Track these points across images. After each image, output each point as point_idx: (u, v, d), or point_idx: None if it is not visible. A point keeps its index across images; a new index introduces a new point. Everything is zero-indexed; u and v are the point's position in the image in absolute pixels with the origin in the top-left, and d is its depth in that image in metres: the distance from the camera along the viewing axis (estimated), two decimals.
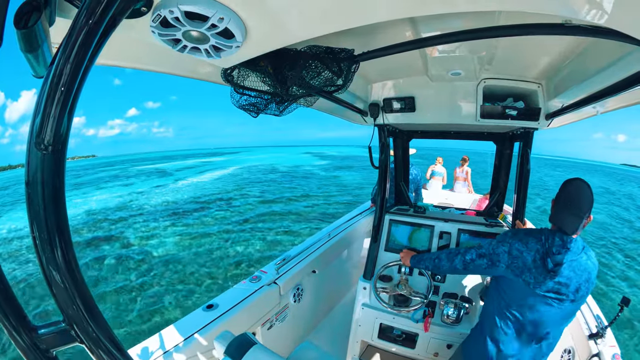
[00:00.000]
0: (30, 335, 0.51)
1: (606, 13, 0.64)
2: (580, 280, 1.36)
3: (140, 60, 1.12)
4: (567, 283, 1.36)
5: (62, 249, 0.50)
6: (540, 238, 1.43)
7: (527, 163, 2.17)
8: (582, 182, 1.38)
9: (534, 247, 1.42)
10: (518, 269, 1.44)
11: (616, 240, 11.13)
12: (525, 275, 1.42)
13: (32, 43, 0.53)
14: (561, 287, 1.37)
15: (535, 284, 1.40)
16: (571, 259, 1.36)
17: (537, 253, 1.41)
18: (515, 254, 1.45)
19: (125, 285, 6.50)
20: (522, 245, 1.45)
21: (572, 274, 1.36)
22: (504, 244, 1.50)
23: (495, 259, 1.50)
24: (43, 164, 0.48)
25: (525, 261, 1.42)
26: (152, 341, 1.57)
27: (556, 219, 1.41)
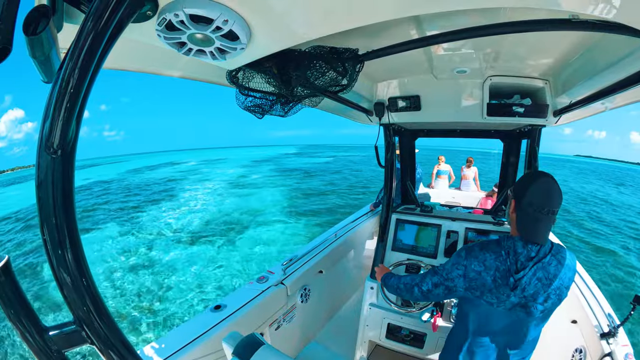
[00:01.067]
0: (41, 336, 0.51)
1: (614, 7, 0.63)
2: (549, 289, 1.23)
3: (146, 63, 1.13)
4: (533, 296, 1.23)
5: (72, 251, 0.50)
6: (499, 253, 1.27)
7: (535, 160, 2.15)
8: (548, 178, 1.22)
9: (492, 265, 1.26)
10: (477, 290, 1.29)
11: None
12: (486, 296, 1.28)
13: (41, 49, 0.54)
14: (527, 300, 1.24)
15: (498, 303, 1.27)
16: (537, 269, 1.22)
17: (496, 271, 1.25)
18: (472, 275, 1.29)
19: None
20: (479, 264, 1.28)
21: (539, 285, 1.22)
22: (459, 266, 1.33)
23: (451, 285, 1.35)
24: (53, 167, 0.48)
25: (484, 282, 1.27)
26: (160, 342, 1.59)
27: (524, 229, 1.24)
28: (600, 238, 10.42)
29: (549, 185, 1.20)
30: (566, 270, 1.24)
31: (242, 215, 12.42)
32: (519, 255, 1.24)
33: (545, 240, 1.24)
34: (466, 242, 2.46)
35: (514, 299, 1.25)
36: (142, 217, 13.07)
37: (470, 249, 1.35)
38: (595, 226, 11.91)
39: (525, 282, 1.22)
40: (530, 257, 1.23)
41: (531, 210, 1.20)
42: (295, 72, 1.10)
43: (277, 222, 11.40)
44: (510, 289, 1.23)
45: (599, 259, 8.42)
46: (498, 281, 1.25)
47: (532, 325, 1.30)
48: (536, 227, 1.21)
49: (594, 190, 23.24)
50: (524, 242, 1.24)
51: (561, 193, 1.20)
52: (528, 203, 1.20)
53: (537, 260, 1.22)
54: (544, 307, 1.25)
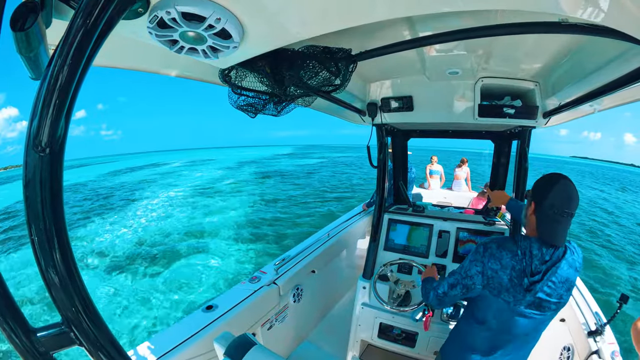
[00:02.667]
0: (28, 337, 0.50)
1: (603, 11, 0.64)
2: (561, 291, 1.26)
3: (137, 61, 1.12)
4: (547, 298, 1.26)
5: (61, 251, 0.50)
6: (515, 252, 1.28)
7: (525, 161, 2.18)
8: (567, 180, 1.23)
9: (509, 264, 1.27)
10: (495, 289, 1.30)
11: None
12: (503, 295, 1.29)
13: (29, 45, 0.53)
14: (542, 301, 1.26)
15: (514, 302, 1.28)
16: (551, 272, 1.24)
17: (512, 271, 1.26)
18: (489, 274, 1.30)
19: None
20: (496, 262, 1.29)
21: (553, 286, 1.25)
22: (477, 263, 1.34)
23: (469, 283, 1.35)
24: (41, 165, 0.48)
25: (501, 281, 1.28)
26: (151, 343, 1.57)
27: (544, 231, 1.25)
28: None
29: (568, 188, 1.21)
30: (575, 272, 1.28)
31: (182, 238, 9.92)
32: (534, 257, 1.25)
33: (563, 242, 1.25)
34: (457, 241, 2.49)
35: (530, 298, 1.26)
36: (76, 233, 10.79)
37: (488, 246, 1.35)
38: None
39: (540, 287, 1.24)
40: (544, 260, 1.25)
41: (552, 212, 1.21)
42: (288, 71, 1.10)
43: (220, 250, 8.86)
44: (525, 289, 1.25)
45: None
46: (514, 280, 1.26)
47: (540, 325, 1.34)
48: (556, 229, 1.23)
49: (603, 196, 21.31)
50: (540, 244, 1.25)
51: (578, 195, 1.22)
52: (549, 206, 1.21)
53: (550, 265, 1.24)
54: (556, 307, 1.29)
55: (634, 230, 12.21)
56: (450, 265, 2.50)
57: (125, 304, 6.11)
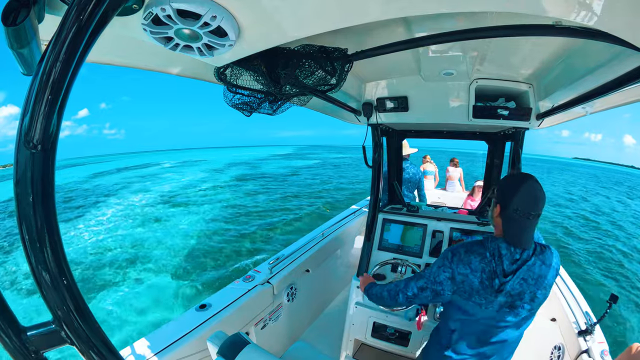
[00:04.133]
0: (19, 336, 0.50)
1: (595, 15, 0.65)
2: (534, 289, 1.24)
3: (131, 58, 1.11)
4: (520, 296, 1.24)
5: (52, 249, 0.49)
6: (484, 255, 1.27)
7: (519, 162, 2.20)
8: (532, 181, 1.21)
9: (478, 268, 1.26)
10: (465, 293, 1.29)
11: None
12: (474, 297, 1.28)
13: (21, 40, 0.52)
14: (514, 300, 1.25)
15: (486, 304, 1.27)
16: (522, 271, 1.23)
17: (483, 273, 1.25)
18: (459, 279, 1.29)
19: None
20: (465, 267, 1.28)
21: (525, 285, 1.23)
22: (445, 269, 1.32)
23: (439, 288, 1.34)
24: (32, 163, 0.47)
25: (472, 284, 1.27)
26: (144, 342, 1.56)
27: (509, 233, 1.24)
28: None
29: (533, 189, 1.19)
30: (550, 270, 1.26)
31: (112, 261, 8.17)
32: (503, 257, 1.24)
33: (530, 243, 1.24)
34: (451, 241, 2.50)
35: (502, 299, 1.25)
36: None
37: (456, 251, 1.34)
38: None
39: (510, 285, 1.23)
40: (514, 259, 1.24)
41: (517, 215, 1.20)
42: (284, 70, 1.10)
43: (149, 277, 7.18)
44: (496, 290, 1.24)
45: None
46: (485, 282, 1.25)
47: (516, 325, 1.32)
48: (522, 232, 1.22)
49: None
50: (508, 244, 1.24)
51: (544, 195, 1.20)
52: (514, 209, 1.20)
53: (521, 263, 1.23)
54: (530, 306, 1.27)
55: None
56: None
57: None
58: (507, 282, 1.23)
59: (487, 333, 1.33)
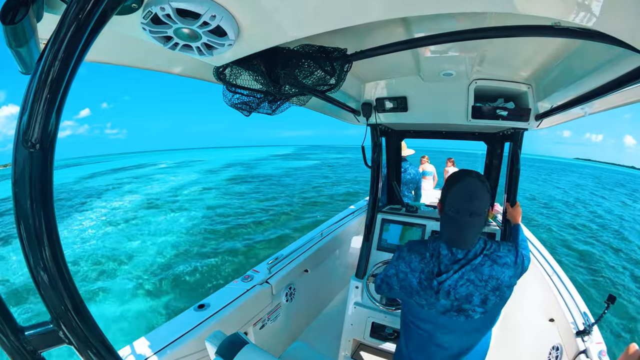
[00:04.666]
0: (17, 336, 0.50)
1: (594, 16, 0.65)
2: (486, 291, 1.16)
3: (130, 57, 1.11)
4: (467, 298, 1.17)
5: (51, 249, 0.49)
6: (424, 255, 1.22)
7: (517, 163, 2.20)
8: (471, 178, 1.16)
9: (417, 268, 1.22)
10: (407, 291, 1.26)
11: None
12: (415, 297, 1.24)
13: (19, 39, 0.52)
14: (461, 303, 1.17)
15: (428, 305, 1.22)
16: (466, 271, 1.16)
17: (421, 274, 1.21)
18: (401, 276, 1.26)
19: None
20: (406, 266, 1.25)
21: (471, 287, 1.16)
22: (392, 266, 1.31)
23: (390, 282, 1.31)
24: (31, 162, 0.47)
25: (411, 284, 1.23)
26: (142, 342, 1.56)
27: (447, 232, 1.19)
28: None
29: (470, 187, 1.14)
30: (504, 269, 1.18)
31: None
32: (442, 257, 1.19)
33: (472, 244, 1.18)
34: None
35: (445, 302, 1.19)
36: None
37: (401, 249, 1.32)
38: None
39: (449, 286, 1.16)
40: (456, 259, 1.18)
41: (452, 213, 1.15)
42: (283, 70, 1.10)
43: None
44: (434, 292, 1.18)
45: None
46: (424, 283, 1.20)
47: (475, 327, 1.25)
48: (459, 231, 1.16)
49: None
50: (449, 244, 1.19)
51: (487, 192, 1.16)
52: (449, 206, 1.15)
53: (465, 263, 1.17)
54: (483, 309, 1.19)
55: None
56: None
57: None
58: (443, 281, 1.17)
59: (435, 336, 1.28)
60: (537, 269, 2.50)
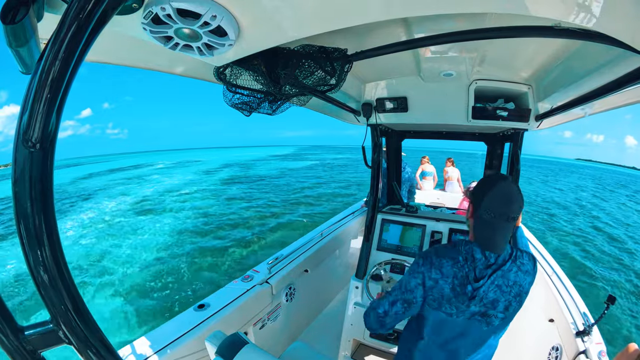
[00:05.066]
0: (16, 336, 0.50)
1: (594, 17, 0.65)
2: (510, 297, 1.16)
3: (131, 57, 1.11)
4: (493, 304, 1.16)
5: (51, 249, 0.49)
6: (457, 259, 1.18)
7: (517, 163, 2.20)
8: (507, 182, 1.15)
9: (450, 273, 1.17)
10: (435, 301, 1.20)
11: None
12: (444, 307, 1.19)
13: (20, 38, 0.52)
14: (488, 309, 1.17)
15: (458, 312, 1.18)
16: (497, 277, 1.15)
17: (455, 279, 1.16)
18: (429, 284, 1.19)
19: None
20: (436, 271, 1.19)
21: (499, 292, 1.15)
22: (416, 275, 1.23)
23: (410, 297, 1.23)
24: (31, 161, 0.47)
25: (442, 291, 1.18)
26: (142, 341, 1.56)
27: (481, 237, 1.17)
28: None
29: (508, 190, 1.13)
30: (526, 276, 1.19)
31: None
32: (477, 262, 1.16)
33: (504, 248, 1.17)
34: (450, 242, 2.51)
35: (474, 308, 1.17)
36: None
37: (427, 255, 1.25)
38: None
39: (483, 291, 1.15)
40: (489, 264, 1.16)
41: (488, 217, 1.13)
42: (283, 70, 1.10)
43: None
44: (469, 297, 1.16)
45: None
46: (457, 289, 1.17)
47: (491, 333, 1.24)
48: (494, 235, 1.15)
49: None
50: (482, 248, 1.17)
51: (522, 197, 1.15)
52: (485, 209, 1.13)
53: (496, 268, 1.16)
54: (504, 315, 1.19)
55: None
56: None
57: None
58: (479, 287, 1.15)
59: (456, 343, 1.25)
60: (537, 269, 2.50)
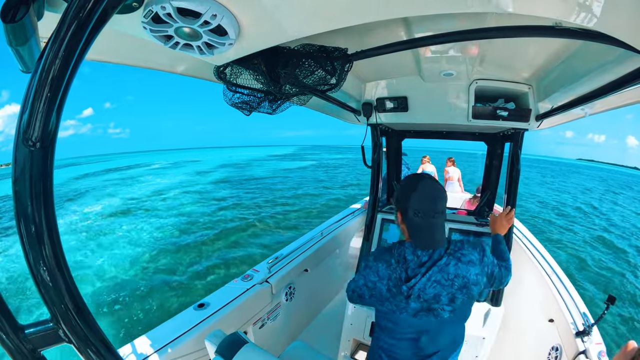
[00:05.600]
0: (16, 334, 0.50)
1: (595, 16, 0.65)
2: (452, 290, 1.18)
3: (131, 56, 1.11)
4: (435, 299, 1.18)
5: (51, 247, 0.49)
6: (390, 262, 1.23)
7: (518, 163, 2.20)
8: (427, 180, 1.20)
9: (385, 275, 1.23)
10: (378, 300, 1.26)
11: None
12: (386, 304, 1.25)
13: (20, 37, 0.52)
14: (430, 304, 1.19)
15: (399, 309, 1.23)
16: (433, 273, 1.18)
17: (389, 281, 1.22)
18: (370, 285, 1.26)
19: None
20: (374, 274, 1.25)
21: (439, 287, 1.18)
22: (361, 276, 1.31)
23: (361, 292, 1.31)
24: (31, 160, 0.47)
25: (381, 292, 1.24)
26: (141, 341, 1.56)
27: (415, 237, 1.20)
28: None
29: (430, 189, 1.18)
30: (469, 267, 1.20)
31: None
32: (408, 262, 1.21)
33: (442, 243, 1.21)
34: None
35: (415, 304, 1.20)
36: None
37: (367, 259, 1.32)
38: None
39: (419, 289, 1.18)
40: (421, 262, 1.20)
41: (418, 218, 1.17)
42: (283, 69, 1.10)
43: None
44: (405, 296, 1.20)
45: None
46: (393, 290, 1.21)
47: (448, 325, 1.26)
48: (429, 233, 1.18)
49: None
50: (414, 248, 1.21)
51: (444, 191, 1.20)
52: (413, 211, 1.17)
53: (431, 265, 1.19)
54: (452, 307, 1.21)
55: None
56: None
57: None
58: (412, 286, 1.19)
59: (415, 337, 1.28)
60: (537, 269, 2.50)
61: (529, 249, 2.66)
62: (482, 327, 2.13)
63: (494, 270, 1.30)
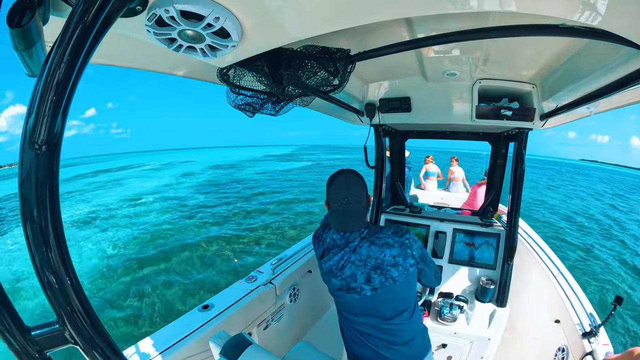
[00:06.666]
0: (23, 336, 0.50)
1: (600, 15, 0.64)
2: (366, 270, 1.30)
3: (135, 59, 1.11)
4: (352, 277, 1.32)
5: (58, 250, 0.49)
6: (319, 243, 1.46)
7: (522, 163, 2.19)
8: (344, 173, 1.34)
9: (318, 254, 1.46)
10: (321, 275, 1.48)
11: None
12: (324, 279, 1.46)
13: (26, 41, 0.53)
14: (349, 283, 1.33)
15: (328, 284, 1.44)
16: (345, 253, 1.33)
17: (320, 260, 1.43)
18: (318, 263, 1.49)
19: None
20: (314, 250, 1.51)
21: (354, 267, 1.31)
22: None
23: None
24: (37, 163, 0.47)
25: (319, 268, 1.47)
26: (146, 342, 1.57)
27: (336, 222, 1.37)
28: None
29: (344, 180, 1.32)
30: (384, 249, 1.29)
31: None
32: (327, 244, 1.40)
33: (355, 227, 1.33)
34: (454, 242, 2.49)
35: (335, 281, 1.37)
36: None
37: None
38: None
39: (331, 266, 1.35)
40: (336, 244, 1.36)
41: (335, 205, 1.32)
42: (286, 71, 1.10)
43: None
44: (326, 273, 1.39)
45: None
46: (321, 265, 1.42)
47: (372, 301, 1.33)
48: (343, 218, 1.32)
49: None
50: (332, 231, 1.39)
51: (360, 182, 1.32)
52: (332, 200, 1.33)
53: (344, 245, 1.34)
54: (371, 286, 1.31)
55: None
56: (446, 265, 2.50)
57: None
58: (325, 262, 1.38)
59: (359, 315, 1.40)
60: (543, 270, 2.48)
61: (534, 249, 2.64)
62: (488, 328, 2.12)
63: (424, 254, 1.40)
